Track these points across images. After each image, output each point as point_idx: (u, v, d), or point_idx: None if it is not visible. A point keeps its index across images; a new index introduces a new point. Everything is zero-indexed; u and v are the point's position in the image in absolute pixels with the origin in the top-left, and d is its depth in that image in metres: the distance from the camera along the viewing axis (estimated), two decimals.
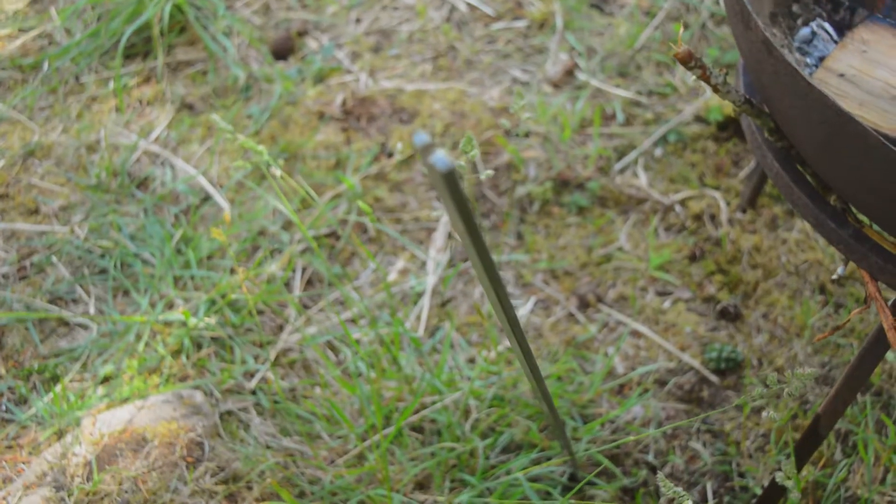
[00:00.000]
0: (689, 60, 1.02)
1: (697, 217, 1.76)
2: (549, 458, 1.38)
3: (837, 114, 0.89)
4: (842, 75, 1.19)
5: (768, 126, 1.13)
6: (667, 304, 1.64)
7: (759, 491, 1.38)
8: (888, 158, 0.90)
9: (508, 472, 1.35)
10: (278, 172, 1.24)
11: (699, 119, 1.92)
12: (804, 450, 1.25)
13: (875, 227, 1.09)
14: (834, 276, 1.09)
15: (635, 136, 1.89)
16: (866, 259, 1.03)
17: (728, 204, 1.77)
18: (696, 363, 1.55)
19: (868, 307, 1.06)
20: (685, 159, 1.85)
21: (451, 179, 0.40)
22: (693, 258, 1.70)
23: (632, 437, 1.08)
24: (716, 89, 1.07)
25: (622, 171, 1.84)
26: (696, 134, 1.88)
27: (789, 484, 1.08)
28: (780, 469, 1.16)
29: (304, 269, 1.70)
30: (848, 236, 1.05)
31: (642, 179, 1.82)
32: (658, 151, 1.87)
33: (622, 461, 1.43)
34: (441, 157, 0.38)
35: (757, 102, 1.12)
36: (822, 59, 1.24)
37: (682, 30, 1.02)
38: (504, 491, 1.32)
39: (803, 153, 1.12)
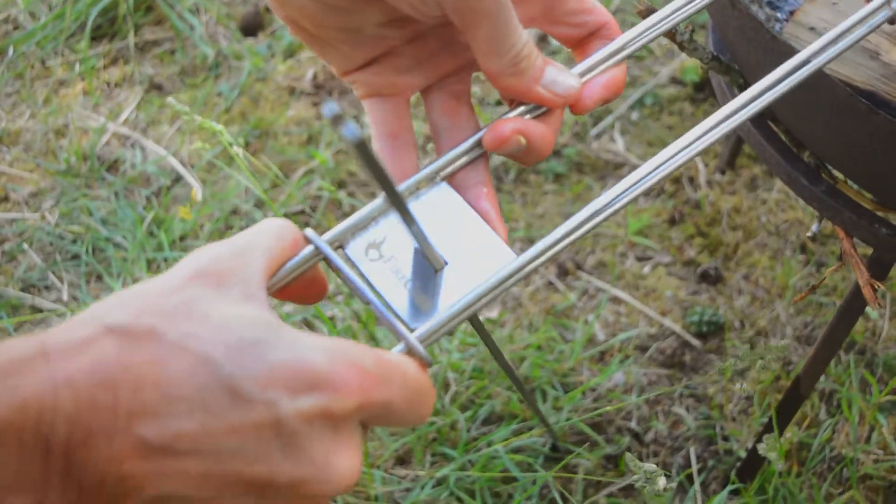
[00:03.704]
0: (649, 16, 1.00)
1: (676, 180, 1.74)
2: (530, 429, 1.36)
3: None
4: (812, 29, 1.16)
5: (737, 83, 1.11)
6: (647, 269, 1.62)
7: (743, 454, 1.37)
8: (857, 111, 0.88)
9: (490, 444, 1.33)
10: (240, 152, 1.21)
11: (675, 81, 1.89)
12: (786, 411, 1.24)
13: (849, 182, 1.07)
14: (809, 234, 1.07)
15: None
16: (840, 215, 1.01)
17: (706, 166, 1.75)
18: (677, 328, 1.54)
19: (844, 264, 1.04)
20: (662, 122, 1.83)
21: (362, 148, 0.40)
22: (672, 222, 1.68)
23: (610, 407, 1.07)
24: (682, 47, 1.05)
25: (598, 136, 1.82)
26: (673, 96, 1.86)
27: (772, 456, 1.07)
28: (761, 440, 1.14)
29: None
30: (821, 192, 1.03)
31: (619, 144, 1.80)
32: (635, 115, 1.85)
33: (605, 429, 1.42)
34: (351, 128, 0.38)
35: (725, 59, 1.10)
36: (792, 13, 1.21)
37: None
38: (485, 463, 1.31)
39: (774, 109, 1.10)
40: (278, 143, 1.80)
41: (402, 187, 0.59)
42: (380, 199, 0.57)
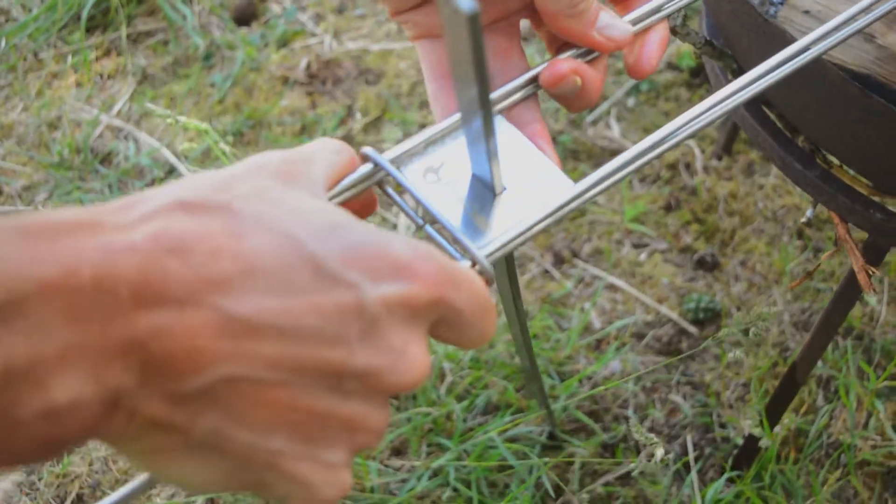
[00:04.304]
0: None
1: (672, 166, 1.73)
2: (527, 418, 1.36)
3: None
4: (807, 12, 1.15)
5: (731, 67, 1.10)
6: (643, 256, 1.62)
7: (740, 441, 1.37)
8: (849, 95, 0.87)
9: (486, 434, 1.32)
10: (227, 149, 1.21)
11: (671, 66, 1.88)
12: (782, 398, 1.23)
13: (844, 167, 1.06)
14: (803, 219, 1.06)
15: (607, 86, 1.86)
16: (834, 200, 1.01)
17: (703, 151, 1.74)
18: (673, 315, 1.53)
19: (839, 250, 1.03)
20: (658, 108, 1.82)
21: (474, 22, 0.39)
22: (669, 208, 1.67)
23: (600, 388, 1.06)
24: (674, 31, 1.04)
25: (594, 122, 1.81)
26: (669, 82, 1.85)
27: (764, 443, 1.06)
28: (758, 426, 1.14)
29: None
30: (815, 178, 1.02)
31: (615, 130, 1.79)
32: (631, 101, 1.84)
33: (602, 417, 1.41)
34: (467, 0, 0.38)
35: (719, 44, 1.09)
36: None
37: None
38: (481, 452, 1.30)
39: (767, 94, 1.09)
40: (272, 134, 1.79)
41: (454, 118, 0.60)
42: (448, 121, 0.58)
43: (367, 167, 0.54)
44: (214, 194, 0.41)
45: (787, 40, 0.87)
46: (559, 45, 0.65)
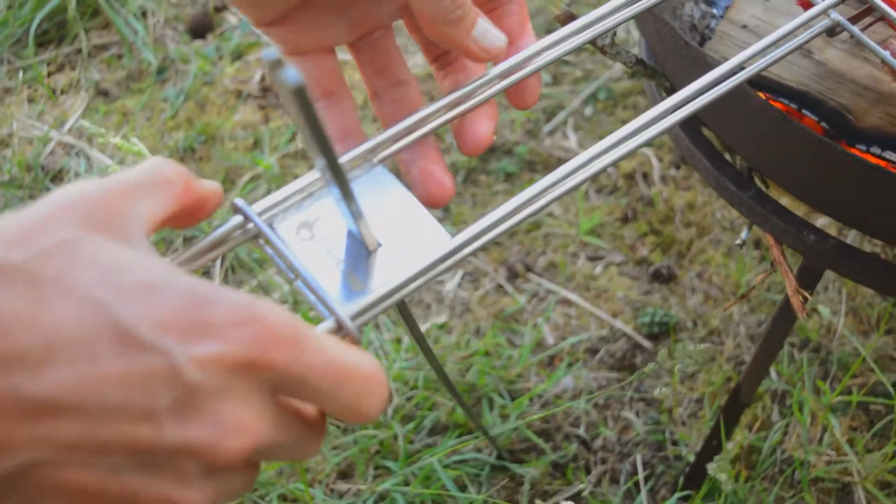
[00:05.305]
0: (569, 23, 0.97)
1: (629, 176, 1.71)
2: (476, 439, 1.34)
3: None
4: (745, 27, 1.13)
5: (664, 86, 1.08)
6: (598, 269, 1.59)
7: (692, 458, 1.35)
8: (771, 119, 0.85)
9: (434, 456, 1.30)
10: None
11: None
12: (729, 418, 1.21)
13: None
14: (737, 241, 1.04)
15: (564, 95, 1.84)
16: (768, 221, 0.99)
17: (661, 161, 1.72)
18: (628, 329, 1.51)
19: (774, 271, 1.01)
20: (616, 116, 1.80)
21: (302, 97, 0.38)
22: (625, 219, 1.65)
23: (552, 408, 1.04)
24: (603, 51, 1.02)
25: (551, 133, 1.78)
26: (627, 90, 1.83)
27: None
28: (708, 445, 1.12)
29: (223, 257, 1.64)
30: (749, 198, 1.00)
31: (572, 140, 1.77)
32: (588, 110, 1.82)
33: (552, 436, 1.39)
34: (291, 73, 0.36)
35: (651, 63, 1.07)
36: (728, 9, 1.18)
37: None
38: (428, 475, 1.28)
39: (699, 114, 1.07)
40: (224, 149, 1.77)
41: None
42: (316, 172, 0.55)
43: (238, 219, 0.52)
44: (10, 252, 0.37)
45: (708, 64, 0.85)
46: (436, 53, 0.63)
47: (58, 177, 1.77)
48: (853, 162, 0.80)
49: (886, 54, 0.74)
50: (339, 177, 0.47)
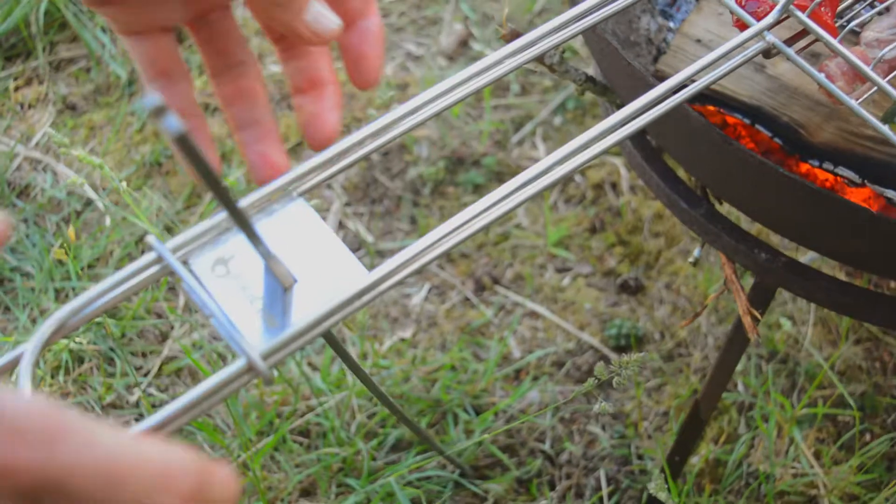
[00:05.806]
0: (514, 40, 0.96)
1: (598, 186, 1.70)
2: (437, 456, 1.33)
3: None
4: (698, 41, 1.12)
5: (615, 103, 1.07)
6: (566, 280, 1.59)
7: (657, 472, 1.34)
8: (713, 141, 0.84)
9: (396, 472, 1.29)
10: (124, 185, 1.19)
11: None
12: (688, 435, 1.21)
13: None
14: (690, 259, 1.03)
15: (532, 105, 1.83)
16: (720, 239, 0.98)
17: (629, 171, 1.71)
18: (595, 341, 1.50)
19: (726, 290, 1.01)
20: (585, 126, 1.78)
21: (184, 143, 0.37)
22: (593, 230, 1.64)
23: (516, 423, 1.03)
24: (552, 69, 1.01)
25: (520, 143, 1.78)
26: (595, 100, 1.82)
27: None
28: (672, 460, 1.11)
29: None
30: (700, 216, 0.99)
31: (541, 150, 1.76)
32: (557, 120, 1.81)
33: (517, 451, 1.38)
34: (172, 121, 0.36)
35: (601, 80, 1.06)
36: (683, 22, 1.17)
37: (506, 10, 0.95)
38: (389, 492, 1.27)
39: (648, 131, 1.07)
40: None
41: (251, 199, 0.56)
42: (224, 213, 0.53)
43: (152, 255, 0.51)
44: None
45: (649, 84, 0.84)
46: (276, 34, 0.61)
47: (24, 192, 1.75)
48: (793, 182, 0.79)
49: (821, 76, 0.74)
50: (238, 220, 0.46)
